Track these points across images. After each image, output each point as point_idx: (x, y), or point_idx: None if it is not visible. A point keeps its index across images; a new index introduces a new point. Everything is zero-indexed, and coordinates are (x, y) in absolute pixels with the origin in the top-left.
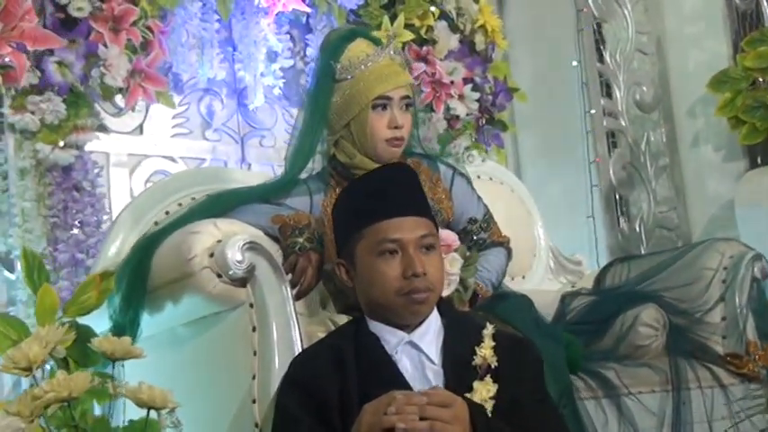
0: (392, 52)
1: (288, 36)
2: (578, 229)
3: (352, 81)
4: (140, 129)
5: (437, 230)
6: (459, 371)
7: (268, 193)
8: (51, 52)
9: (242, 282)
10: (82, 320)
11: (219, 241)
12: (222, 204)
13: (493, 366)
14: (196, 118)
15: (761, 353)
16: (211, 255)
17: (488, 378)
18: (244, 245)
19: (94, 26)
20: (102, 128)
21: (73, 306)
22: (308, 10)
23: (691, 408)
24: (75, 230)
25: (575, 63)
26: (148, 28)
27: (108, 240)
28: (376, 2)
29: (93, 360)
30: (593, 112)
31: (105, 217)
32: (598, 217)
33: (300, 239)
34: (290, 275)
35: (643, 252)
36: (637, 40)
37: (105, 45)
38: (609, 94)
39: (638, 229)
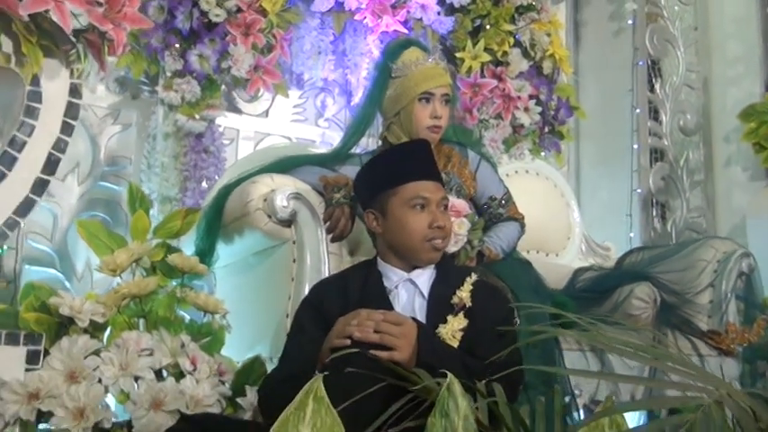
0: (438, 58)
1: None
2: (620, 224)
3: (404, 79)
4: (266, 113)
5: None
6: (440, 306)
7: (325, 160)
8: (194, 45)
9: (287, 223)
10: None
11: (273, 190)
12: (287, 164)
13: (467, 306)
14: (311, 109)
15: (738, 333)
16: (265, 200)
17: (461, 315)
18: (290, 194)
19: (229, 30)
20: (237, 110)
21: (161, 230)
22: (406, 31)
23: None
24: (201, 183)
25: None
26: (273, 35)
27: (214, 188)
28: (462, 29)
29: (176, 273)
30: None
31: None
32: (636, 216)
33: (338, 195)
34: (327, 223)
35: None
36: (686, 77)
37: (235, 45)
38: (656, 118)
39: (669, 229)
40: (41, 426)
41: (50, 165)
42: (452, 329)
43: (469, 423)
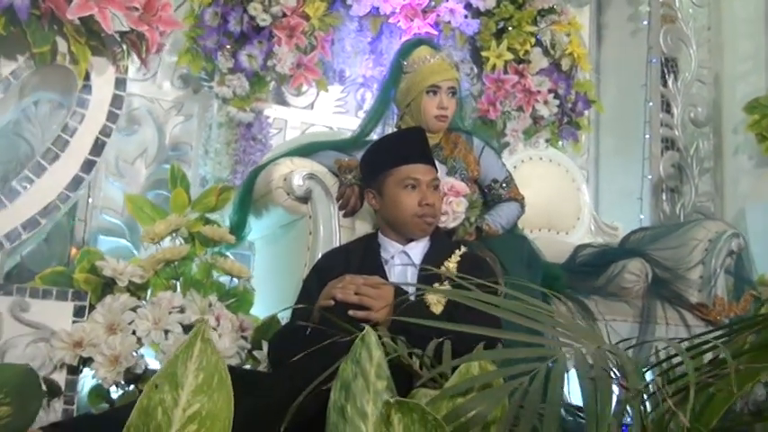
0: (445, 56)
1: None
2: (633, 207)
3: (414, 73)
4: (312, 105)
5: (439, 177)
6: (429, 275)
7: (344, 146)
8: (243, 46)
9: (304, 200)
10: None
11: (292, 171)
12: (309, 149)
13: None
14: (352, 102)
15: (725, 306)
16: (285, 180)
17: (447, 283)
18: (306, 175)
19: (275, 32)
20: (285, 103)
21: (198, 205)
22: (436, 33)
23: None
24: (249, 167)
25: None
26: (315, 37)
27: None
28: (487, 30)
29: (210, 243)
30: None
31: None
32: (646, 200)
33: (349, 176)
34: (340, 201)
35: None
36: (698, 73)
37: (280, 45)
38: (668, 111)
39: (677, 212)
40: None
41: (97, 147)
42: (437, 296)
43: (382, 370)
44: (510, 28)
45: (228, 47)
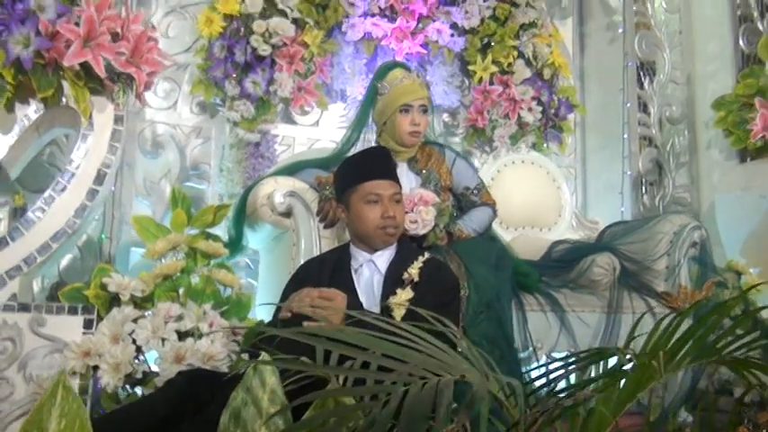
0: (416, 76)
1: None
2: (615, 201)
3: (388, 95)
4: (317, 123)
5: (401, 191)
6: (394, 281)
7: (326, 163)
8: (249, 73)
9: (286, 215)
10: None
11: (274, 190)
12: (294, 167)
13: (415, 280)
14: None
15: (688, 293)
16: (268, 198)
17: (409, 288)
18: (286, 192)
19: (277, 60)
20: (292, 121)
21: (197, 221)
22: (425, 52)
23: (620, 327)
24: None
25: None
26: (314, 62)
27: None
28: (473, 47)
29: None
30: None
31: None
32: (627, 194)
33: (326, 192)
34: (320, 214)
35: None
36: (672, 74)
37: (281, 72)
38: (645, 111)
39: (657, 204)
40: None
41: (99, 177)
42: (400, 300)
43: (276, 396)
44: (494, 43)
45: (234, 75)
